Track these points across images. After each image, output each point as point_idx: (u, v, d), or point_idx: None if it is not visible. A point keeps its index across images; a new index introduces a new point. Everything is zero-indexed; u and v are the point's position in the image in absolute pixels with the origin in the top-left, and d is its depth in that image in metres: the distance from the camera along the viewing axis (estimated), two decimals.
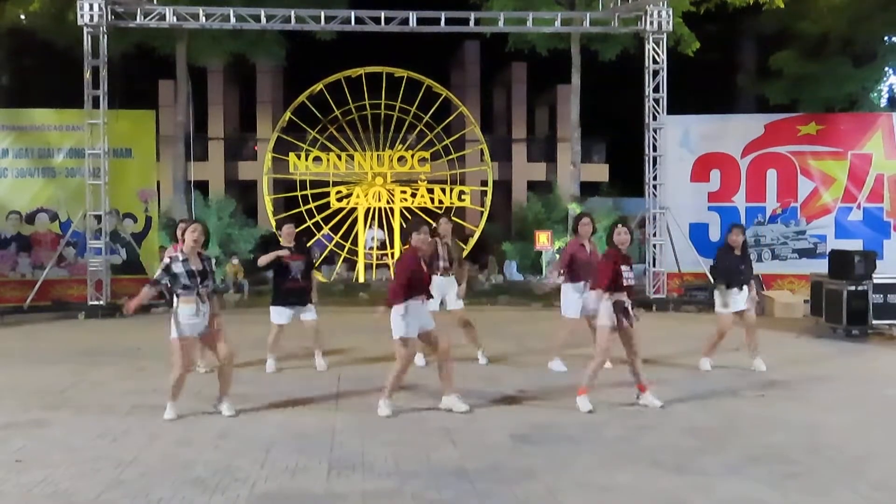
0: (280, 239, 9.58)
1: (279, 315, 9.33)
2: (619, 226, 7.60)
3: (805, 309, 13.85)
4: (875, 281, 11.98)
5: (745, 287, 9.39)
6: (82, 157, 15.58)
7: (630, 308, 7.38)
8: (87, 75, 15.30)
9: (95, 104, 15.34)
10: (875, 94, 23.00)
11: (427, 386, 8.22)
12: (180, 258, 7.09)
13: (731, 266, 9.40)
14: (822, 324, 12.40)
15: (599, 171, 27.93)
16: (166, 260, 7.26)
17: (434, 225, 9.10)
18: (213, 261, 7.36)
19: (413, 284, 7.12)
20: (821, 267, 13.21)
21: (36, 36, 19.98)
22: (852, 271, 11.97)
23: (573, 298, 9.16)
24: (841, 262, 12.29)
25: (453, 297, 9.51)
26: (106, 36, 15.34)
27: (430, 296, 7.43)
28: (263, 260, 9.33)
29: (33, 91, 20.07)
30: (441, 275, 9.29)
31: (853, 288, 11.86)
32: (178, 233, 8.59)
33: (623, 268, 7.36)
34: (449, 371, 7.39)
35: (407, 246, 7.38)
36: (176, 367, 7.06)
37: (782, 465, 5.71)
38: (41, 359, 10.37)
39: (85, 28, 15.25)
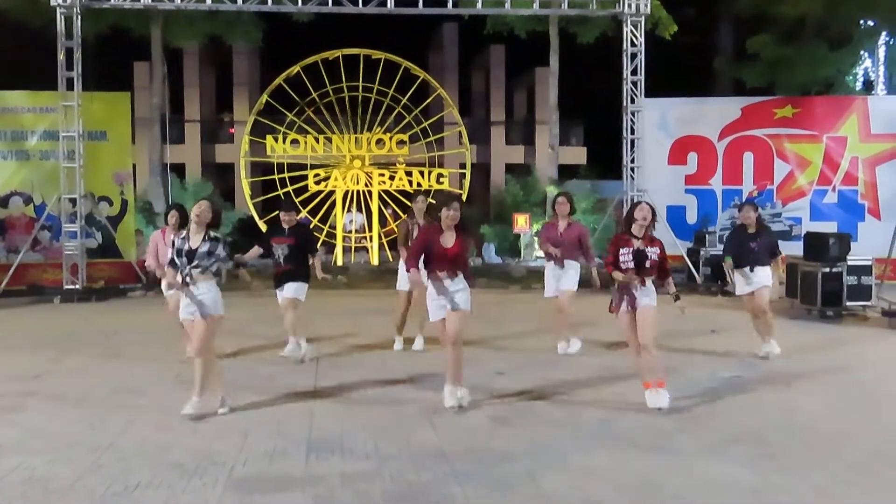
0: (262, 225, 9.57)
1: (279, 298, 9.36)
2: (642, 203, 7.11)
3: (780, 291, 13.96)
4: (849, 263, 12.16)
5: (757, 268, 9.03)
6: (56, 140, 15.42)
7: (636, 292, 6.90)
8: (61, 57, 15.12)
9: (69, 86, 15.17)
10: (850, 78, 23.19)
11: (407, 370, 8.26)
12: (182, 235, 6.94)
13: (740, 244, 9.16)
14: (797, 305, 12.55)
15: (577, 154, 27.97)
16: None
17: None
18: (220, 243, 6.94)
19: (428, 258, 6.86)
20: (796, 249, 13.32)
21: (8, 17, 19.66)
22: (827, 253, 12.13)
23: (548, 278, 9.27)
24: (816, 245, 12.44)
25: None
26: (80, 17, 15.14)
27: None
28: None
29: (6, 73, 19.74)
30: None
31: (828, 270, 12.03)
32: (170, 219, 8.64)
33: (649, 250, 6.89)
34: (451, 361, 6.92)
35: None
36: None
37: (758, 447, 5.78)
38: (16, 344, 10.26)
39: (58, 9, 15.05)
